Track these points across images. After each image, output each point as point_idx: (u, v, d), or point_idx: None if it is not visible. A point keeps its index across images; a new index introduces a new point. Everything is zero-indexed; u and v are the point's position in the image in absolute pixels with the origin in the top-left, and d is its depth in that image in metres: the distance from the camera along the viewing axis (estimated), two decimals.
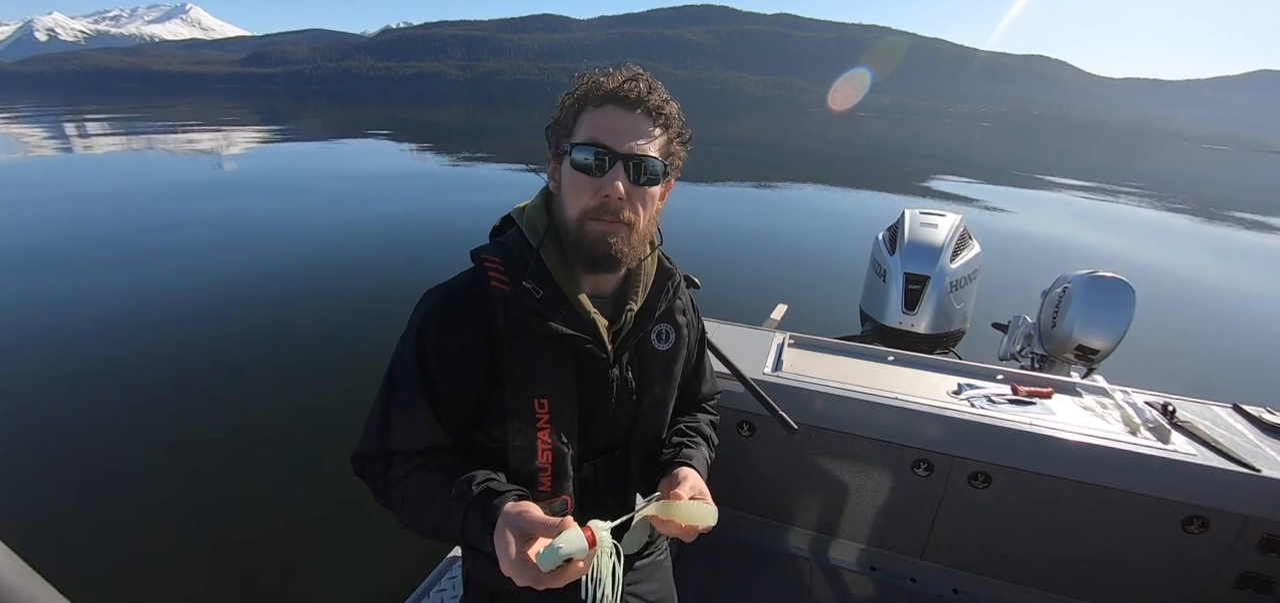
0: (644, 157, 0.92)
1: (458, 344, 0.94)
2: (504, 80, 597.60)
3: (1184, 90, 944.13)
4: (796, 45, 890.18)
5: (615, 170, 0.91)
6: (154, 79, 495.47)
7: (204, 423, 4.16)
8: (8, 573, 0.51)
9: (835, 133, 58.62)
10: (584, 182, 0.92)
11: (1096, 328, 2.55)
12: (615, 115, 0.91)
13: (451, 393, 0.95)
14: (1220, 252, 12.76)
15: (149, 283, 6.90)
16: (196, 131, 27.97)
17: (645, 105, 0.92)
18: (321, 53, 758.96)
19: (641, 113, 0.92)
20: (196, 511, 3.32)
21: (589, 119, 0.93)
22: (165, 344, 5.33)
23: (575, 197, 0.93)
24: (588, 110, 0.93)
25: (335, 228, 9.92)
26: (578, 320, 0.97)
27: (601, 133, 0.91)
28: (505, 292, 0.94)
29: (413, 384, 0.94)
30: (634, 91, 0.91)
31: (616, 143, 0.91)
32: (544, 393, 0.95)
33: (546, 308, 0.94)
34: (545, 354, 0.95)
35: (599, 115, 0.92)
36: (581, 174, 0.92)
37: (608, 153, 0.90)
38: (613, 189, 0.90)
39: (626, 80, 0.92)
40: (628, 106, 0.92)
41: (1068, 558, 1.84)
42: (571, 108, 0.95)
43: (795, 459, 2.04)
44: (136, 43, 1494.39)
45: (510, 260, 0.97)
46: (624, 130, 0.91)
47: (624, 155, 0.91)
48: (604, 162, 0.90)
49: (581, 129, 0.93)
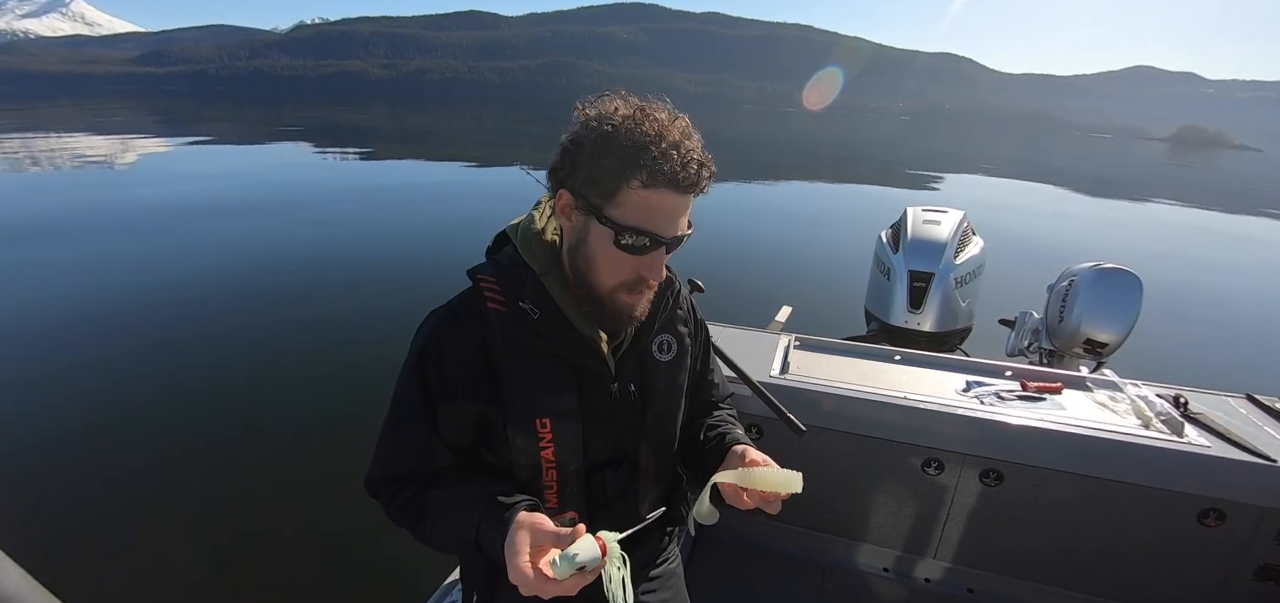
0: (687, 236, 0.91)
1: (458, 366, 0.94)
2: (432, 79, 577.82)
3: (1074, 84, 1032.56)
4: (726, 43, 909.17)
5: (659, 253, 0.89)
6: (32, 81, 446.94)
7: (204, 431, 4.09)
8: (11, 583, 0.51)
9: (765, 131, 60.27)
10: (625, 260, 0.89)
11: (1104, 321, 2.57)
12: (670, 201, 0.86)
13: (454, 414, 0.96)
14: (1227, 241, 13.39)
15: (149, 283, 6.87)
16: (133, 137, 25.40)
17: (699, 190, 0.88)
18: (228, 51, 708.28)
19: (692, 195, 0.88)
20: (190, 525, 3.25)
21: (639, 199, 0.85)
22: (165, 346, 5.26)
23: (612, 271, 0.91)
24: (636, 184, 0.84)
25: (336, 228, 9.88)
26: (577, 337, 0.96)
27: (656, 222, 0.86)
28: (502, 312, 0.94)
29: (416, 408, 0.95)
30: (690, 179, 0.85)
31: (667, 230, 0.87)
32: (545, 411, 0.95)
33: (544, 327, 0.94)
34: (545, 372, 0.95)
35: (652, 197, 0.85)
36: (623, 252, 0.88)
37: (656, 238, 0.87)
38: (655, 273, 0.90)
39: (684, 163, 0.84)
40: (682, 190, 0.86)
41: (1083, 554, 1.82)
42: (612, 168, 0.84)
43: (804, 461, 1.96)
44: (7, 40, 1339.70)
45: (506, 280, 0.96)
46: (676, 214, 0.88)
47: (670, 239, 0.88)
48: (650, 245, 0.88)
49: (628, 204, 0.85)
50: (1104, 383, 1.96)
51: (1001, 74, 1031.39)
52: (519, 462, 0.97)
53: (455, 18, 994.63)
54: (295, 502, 3.43)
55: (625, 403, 1.03)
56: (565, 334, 0.96)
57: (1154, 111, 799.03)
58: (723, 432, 1.13)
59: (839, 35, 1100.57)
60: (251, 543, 3.11)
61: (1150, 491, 1.66)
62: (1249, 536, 1.63)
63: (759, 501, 0.89)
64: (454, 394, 0.95)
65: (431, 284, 6.84)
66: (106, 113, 45.15)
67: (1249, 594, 1.68)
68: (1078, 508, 1.75)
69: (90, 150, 20.52)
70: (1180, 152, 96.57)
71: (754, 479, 0.87)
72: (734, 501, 0.91)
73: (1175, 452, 1.61)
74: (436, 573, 1.70)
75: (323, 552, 3.09)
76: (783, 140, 45.79)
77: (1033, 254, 9.58)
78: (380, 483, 1.00)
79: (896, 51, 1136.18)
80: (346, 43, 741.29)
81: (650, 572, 1.19)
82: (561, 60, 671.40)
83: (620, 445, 1.05)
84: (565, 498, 0.99)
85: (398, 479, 0.99)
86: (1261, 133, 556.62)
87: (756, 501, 0.89)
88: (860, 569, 2.08)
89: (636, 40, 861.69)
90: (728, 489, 0.90)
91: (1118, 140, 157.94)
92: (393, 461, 0.99)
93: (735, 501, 0.91)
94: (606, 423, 1.02)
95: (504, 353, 0.94)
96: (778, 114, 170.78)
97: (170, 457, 3.77)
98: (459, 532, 0.90)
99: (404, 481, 0.98)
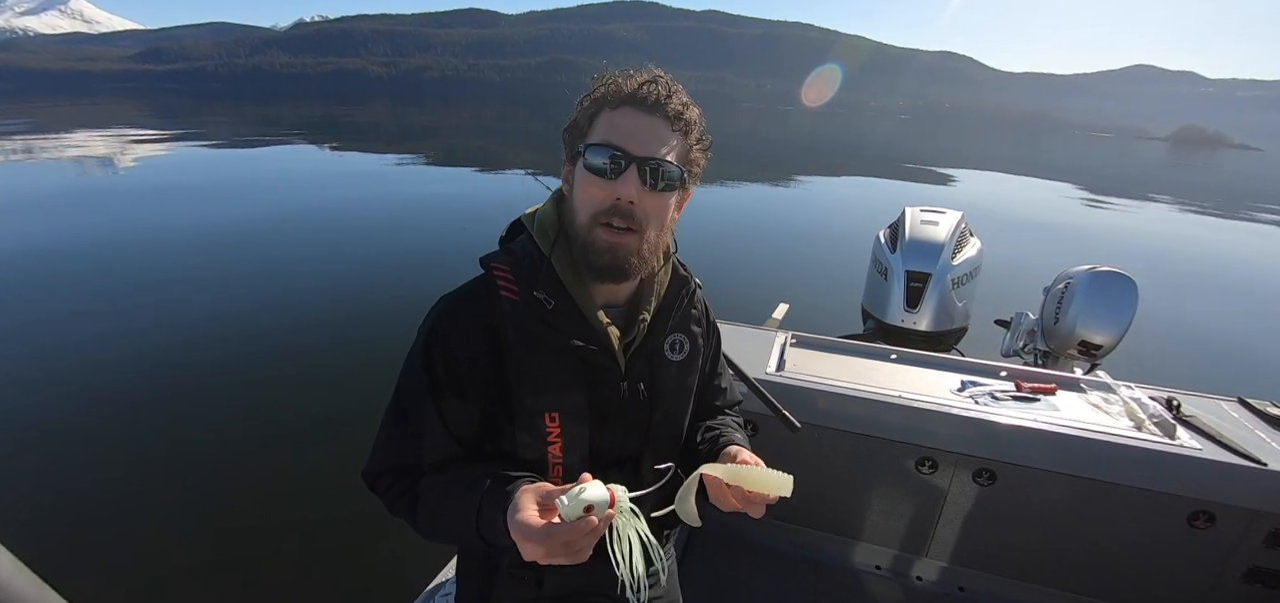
0: (660, 161, 0.89)
1: (466, 356, 0.93)
2: (432, 77, 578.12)
3: (1073, 83, 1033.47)
4: (726, 41, 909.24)
5: (629, 173, 0.88)
6: (31, 78, 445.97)
7: (204, 430, 4.08)
8: (12, 580, 0.51)
9: (765, 129, 60.27)
10: (596, 183, 0.89)
11: (1099, 323, 2.57)
12: (632, 117, 0.89)
13: (460, 405, 0.94)
14: (1222, 244, 13.35)
15: (149, 282, 6.83)
16: (138, 137, 25.35)
17: (664, 110, 0.89)
18: (227, 48, 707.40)
19: (660, 117, 0.89)
20: (189, 523, 3.24)
21: (605, 120, 0.90)
22: (164, 349, 5.21)
23: (586, 198, 0.91)
24: (604, 112, 0.91)
25: (336, 230, 9.84)
26: (589, 332, 0.95)
27: (617, 135, 0.88)
28: (515, 302, 0.93)
29: (422, 398, 0.93)
30: (653, 94, 0.89)
31: (632, 145, 0.88)
32: (554, 406, 0.94)
33: (557, 319, 0.92)
34: (555, 366, 0.94)
35: (616, 117, 0.89)
36: (594, 176, 0.89)
37: (622, 155, 0.87)
38: (625, 191, 0.88)
39: (645, 82, 0.90)
40: (646, 110, 0.89)
41: (1073, 554, 1.82)
42: (588, 109, 0.92)
43: (799, 459, 1.98)
44: (6, 38, 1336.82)
45: (520, 269, 0.95)
46: (641, 133, 0.88)
47: (639, 159, 0.88)
48: (619, 164, 0.87)
49: (597, 131, 0.90)
50: (1097, 385, 1.97)
51: (1001, 73, 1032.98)
52: (524, 457, 0.95)
53: (455, 15, 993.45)
54: (293, 500, 3.43)
55: (634, 402, 1.01)
56: (579, 328, 0.94)
57: (1154, 111, 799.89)
58: (718, 433, 1.12)
59: (839, 34, 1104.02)
60: (250, 542, 3.11)
61: (1141, 492, 1.67)
62: (1238, 538, 1.63)
63: (744, 502, 0.86)
64: (460, 386, 0.93)
65: (432, 284, 6.78)
66: (105, 110, 45.06)
67: (1238, 596, 1.68)
68: (1070, 509, 1.76)
69: (89, 148, 20.45)
70: (1181, 151, 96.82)
71: (743, 477, 0.85)
72: (719, 500, 0.89)
73: (1167, 454, 1.62)
74: (431, 572, 1.69)
75: (321, 550, 3.09)
76: (783, 138, 45.87)
77: (1029, 256, 9.60)
78: (378, 474, 0.98)
79: (896, 50, 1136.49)
80: (346, 40, 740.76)
81: (646, 568, 1.10)
82: (562, 58, 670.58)
83: (626, 445, 1.03)
84: None
85: (397, 470, 0.97)
86: (1262, 132, 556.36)
87: (741, 501, 0.86)
88: (853, 567, 2.08)
89: (637, 38, 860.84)
90: (713, 485, 0.89)
91: (1118, 140, 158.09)
92: (394, 451, 0.97)
93: (720, 500, 0.89)
94: (614, 422, 1.00)
95: (514, 344, 0.92)
96: (778, 112, 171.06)
97: (170, 456, 3.76)
98: (460, 514, 0.88)
99: (404, 472, 0.96)
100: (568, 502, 0.72)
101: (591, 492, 0.72)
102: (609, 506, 0.73)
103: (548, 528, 0.73)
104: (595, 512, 0.72)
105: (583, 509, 0.72)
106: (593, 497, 0.72)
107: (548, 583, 1.04)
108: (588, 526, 0.72)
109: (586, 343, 0.94)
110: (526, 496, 0.79)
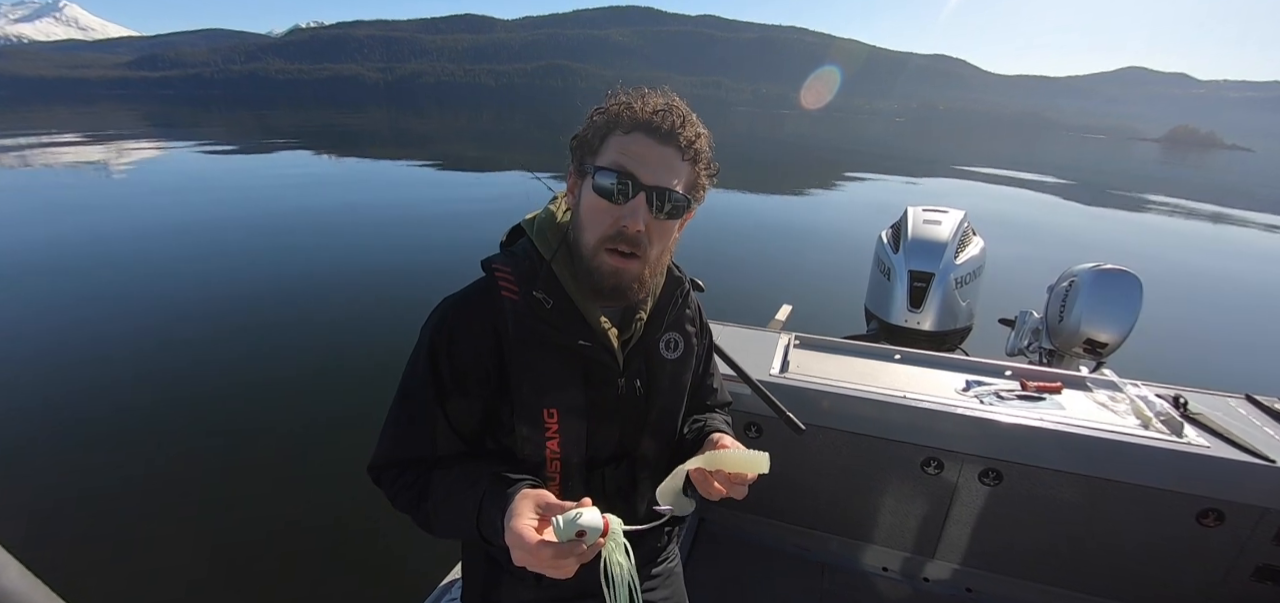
0: (669, 191, 0.90)
1: (469, 353, 0.95)
2: (427, 82, 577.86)
3: (1067, 85, 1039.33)
4: (722, 46, 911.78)
5: (638, 201, 0.89)
6: (26, 85, 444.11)
7: (204, 430, 4.07)
8: (13, 581, 0.51)
9: (762, 132, 60.43)
10: (604, 208, 0.90)
11: (1104, 321, 2.56)
12: (644, 144, 0.89)
13: (463, 401, 0.96)
14: (1225, 243, 13.39)
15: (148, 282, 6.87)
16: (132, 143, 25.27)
17: (677, 140, 0.90)
18: (223, 55, 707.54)
19: (672, 147, 0.90)
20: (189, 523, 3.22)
21: (617, 144, 0.90)
22: (163, 349, 5.21)
23: (593, 221, 0.92)
24: (616, 134, 0.91)
25: (335, 234, 9.72)
26: (588, 330, 0.97)
27: (628, 160, 0.89)
28: (515, 301, 0.95)
29: (425, 393, 0.95)
30: (667, 123, 0.89)
31: (642, 173, 0.88)
32: (553, 403, 0.96)
33: (556, 318, 0.95)
34: (554, 363, 0.96)
35: (628, 142, 0.89)
36: (602, 199, 0.90)
37: (632, 181, 0.88)
38: (632, 220, 0.89)
39: (659, 110, 0.90)
40: (659, 139, 0.89)
41: (1082, 554, 1.81)
42: (599, 127, 0.93)
43: (804, 461, 2.00)
44: (0, 45, 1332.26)
45: (520, 270, 0.97)
46: (651, 161, 0.89)
47: (649, 187, 0.89)
48: (627, 189, 0.88)
49: (607, 152, 0.91)
50: (1104, 383, 1.95)
51: (995, 75, 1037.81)
52: (523, 453, 0.98)
53: (451, 21, 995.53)
54: (295, 501, 3.41)
55: (630, 399, 1.03)
56: (577, 326, 0.96)
57: (1146, 112, 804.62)
58: (702, 424, 1.14)
59: (834, 38, 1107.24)
60: (250, 542, 3.09)
61: (1149, 491, 1.65)
62: (1247, 536, 1.62)
63: (727, 485, 0.89)
64: (464, 382, 0.95)
65: (432, 286, 6.76)
66: (101, 117, 44.91)
67: (1247, 595, 1.67)
68: (1077, 508, 1.74)
69: (85, 155, 20.41)
70: (1174, 151, 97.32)
71: (719, 461, 0.87)
72: (704, 488, 0.91)
73: (1174, 452, 1.60)
74: (436, 573, 1.69)
75: (323, 550, 3.08)
76: (779, 141, 45.94)
77: (1033, 254, 9.60)
78: (383, 468, 1.00)
79: (890, 53, 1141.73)
80: (342, 46, 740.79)
81: (651, 569, 1.20)
82: (557, 63, 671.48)
83: (623, 441, 1.05)
84: (567, 492, 0.99)
85: (402, 464, 0.99)
86: (1253, 132, 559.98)
87: (725, 485, 0.89)
88: (860, 568, 2.06)
89: (632, 43, 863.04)
90: (697, 476, 0.91)
91: (1112, 141, 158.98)
92: (399, 445, 0.99)
93: (705, 488, 0.90)
94: (611, 418, 1.02)
95: (514, 342, 0.94)
96: (774, 116, 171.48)
97: (169, 456, 3.74)
98: (461, 509, 0.90)
99: (408, 465, 0.99)
100: (562, 522, 0.73)
101: (587, 517, 0.73)
102: (602, 534, 0.75)
103: (538, 544, 0.74)
104: (587, 538, 0.73)
105: (575, 533, 0.73)
106: (587, 523, 0.73)
107: (547, 583, 1.05)
108: (576, 549, 0.74)
109: (585, 341, 0.96)
110: (525, 502, 0.80)
